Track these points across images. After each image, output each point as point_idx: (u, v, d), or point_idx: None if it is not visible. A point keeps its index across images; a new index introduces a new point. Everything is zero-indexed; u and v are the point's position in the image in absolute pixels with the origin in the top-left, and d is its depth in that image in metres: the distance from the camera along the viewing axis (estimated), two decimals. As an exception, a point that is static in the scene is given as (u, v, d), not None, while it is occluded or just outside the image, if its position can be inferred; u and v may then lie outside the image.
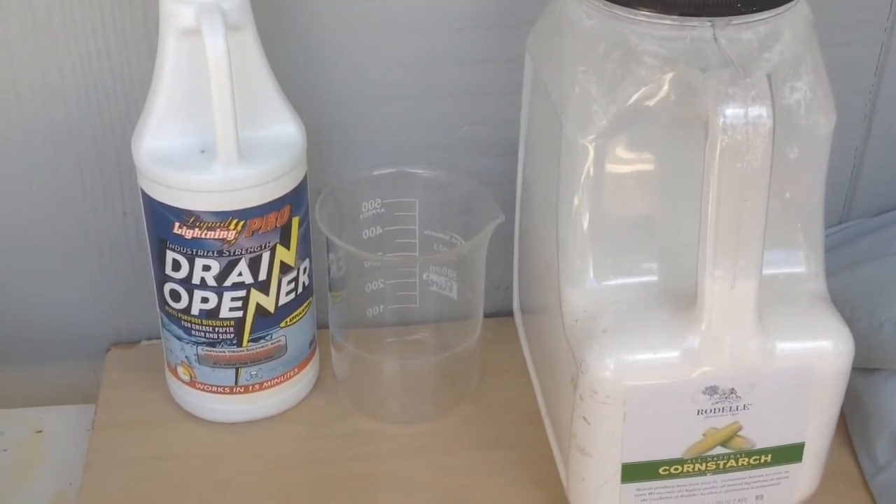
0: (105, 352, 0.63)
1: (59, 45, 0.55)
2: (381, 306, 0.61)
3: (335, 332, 0.60)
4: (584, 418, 0.48)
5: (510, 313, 0.64)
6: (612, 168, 0.47)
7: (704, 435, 0.48)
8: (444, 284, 0.59)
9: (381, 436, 0.58)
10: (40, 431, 0.63)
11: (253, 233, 0.52)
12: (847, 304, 0.54)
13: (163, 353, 0.59)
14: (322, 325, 0.60)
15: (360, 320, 0.60)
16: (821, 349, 0.48)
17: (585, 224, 0.47)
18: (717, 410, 0.47)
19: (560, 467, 0.54)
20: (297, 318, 0.57)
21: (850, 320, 0.49)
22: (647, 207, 0.48)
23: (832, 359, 0.48)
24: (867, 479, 0.55)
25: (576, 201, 0.47)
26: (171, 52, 0.50)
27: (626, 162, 0.47)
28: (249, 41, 0.51)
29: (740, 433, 0.48)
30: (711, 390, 0.47)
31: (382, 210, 0.58)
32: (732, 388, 0.47)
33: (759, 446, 0.49)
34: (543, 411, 0.58)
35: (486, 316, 0.60)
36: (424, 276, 0.59)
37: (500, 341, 0.63)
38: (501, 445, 0.58)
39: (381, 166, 0.58)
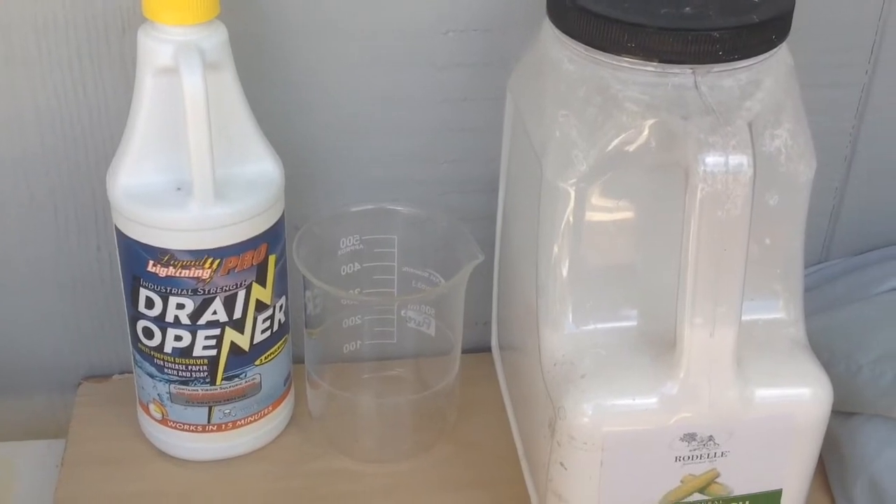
0: (77, 385, 0.63)
1: (35, 79, 0.55)
2: (358, 342, 0.60)
3: (311, 369, 0.59)
4: (562, 464, 0.48)
5: (488, 348, 0.64)
6: (592, 213, 0.46)
7: (682, 482, 0.48)
8: (421, 321, 0.59)
9: (356, 474, 0.58)
10: (10, 465, 0.62)
11: (228, 271, 0.52)
12: (825, 347, 0.54)
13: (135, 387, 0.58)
14: (298, 360, 0.60)
15: (336, 355, 0.60)
16: (800, 396, 0.47)
17: (565, 270, 0.47)
18: (694, 457, 0.47)
19: (537, 510, 0.53)
20: (273, 355, 0.56)
21: (829, 364, 0.49)
22: (627, 252, 0.48)
23: (811, 406, 0.48)
24: (845, 523, 0.55)
25: (555, 248, 0.47)
26: (148, 89, 0.49)
27: (606, 207, 0.47)
28: (228, 79, 0.50)
29: (718, 480, 0.48)
30: (689, 437, 0.47)
31: (361, 246, 0.58)
32: (711, 435, 0.47)
33: (736, 493, 0.49)
34: (520, 451, 0.57)
35: (464, 351, 0.59)
36: (402, 312, 0.59)
37: (478, 377, 0.62)
38: (477, 486, 0.57)
39: (360, 202, 0.58)
